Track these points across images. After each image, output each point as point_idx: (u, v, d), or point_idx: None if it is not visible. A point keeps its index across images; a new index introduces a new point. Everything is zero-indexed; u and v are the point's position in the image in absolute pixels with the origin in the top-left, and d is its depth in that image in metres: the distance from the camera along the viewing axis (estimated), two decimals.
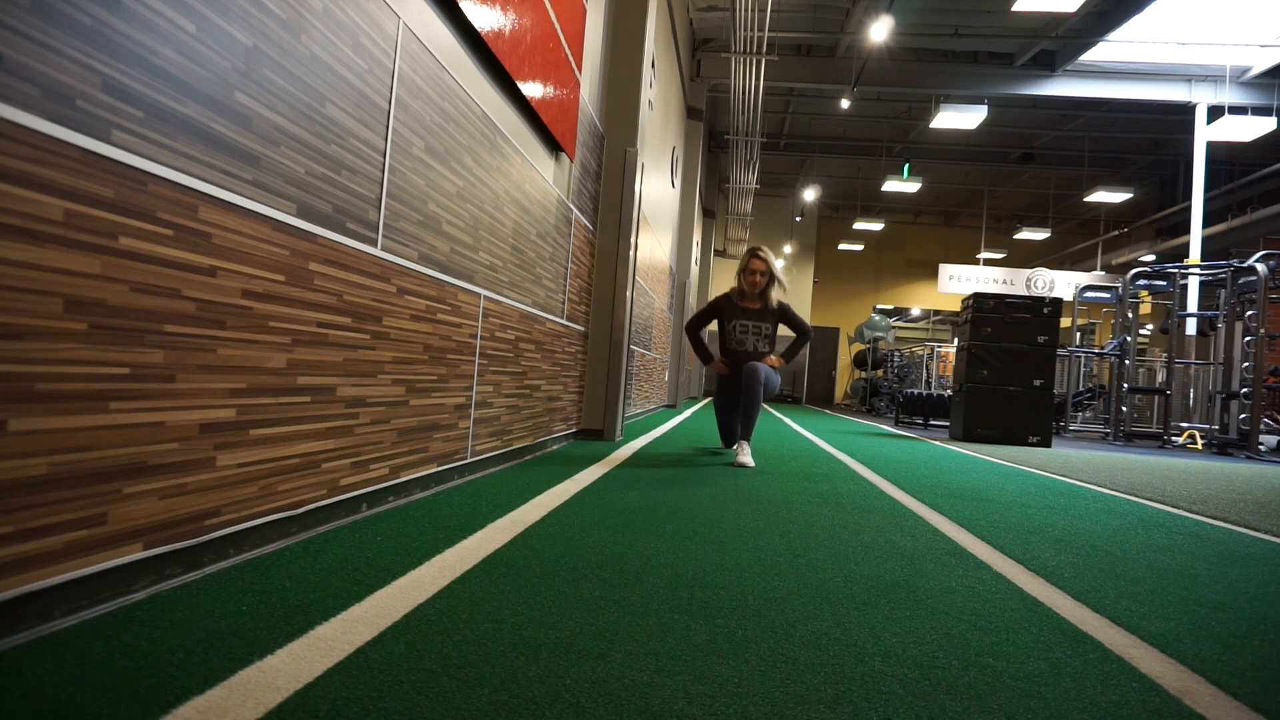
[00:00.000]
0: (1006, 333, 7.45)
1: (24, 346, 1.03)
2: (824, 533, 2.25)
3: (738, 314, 4.42)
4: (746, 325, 4.40)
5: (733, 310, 4.43)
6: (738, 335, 4.40)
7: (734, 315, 4.42)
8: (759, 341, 4.40)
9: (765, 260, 4.39)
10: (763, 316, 4.41)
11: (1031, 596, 1.67)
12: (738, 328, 4.40)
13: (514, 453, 3.44)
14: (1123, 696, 1.13)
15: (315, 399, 1.75)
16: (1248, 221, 14.26)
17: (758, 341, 4.40)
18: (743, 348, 4.39)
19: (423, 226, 2.26)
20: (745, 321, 4.40)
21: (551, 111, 3.48)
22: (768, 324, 4.41)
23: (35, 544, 1.07)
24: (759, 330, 4.41)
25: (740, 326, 4.40)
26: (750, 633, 1.31)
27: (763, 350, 4.41)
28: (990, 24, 11.13)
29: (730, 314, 4.43)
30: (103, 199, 1.13)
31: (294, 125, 1.60)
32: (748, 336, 4.41)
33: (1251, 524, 2.97)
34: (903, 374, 15.75)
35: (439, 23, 2.35)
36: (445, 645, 1.15)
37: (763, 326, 4.41)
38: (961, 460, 5.28)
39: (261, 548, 1.62)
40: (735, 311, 4.43)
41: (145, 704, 0.89)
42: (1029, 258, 21.81)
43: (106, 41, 1.12)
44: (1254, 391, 7.93)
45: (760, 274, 4.35)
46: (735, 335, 4.40)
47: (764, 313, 4.41)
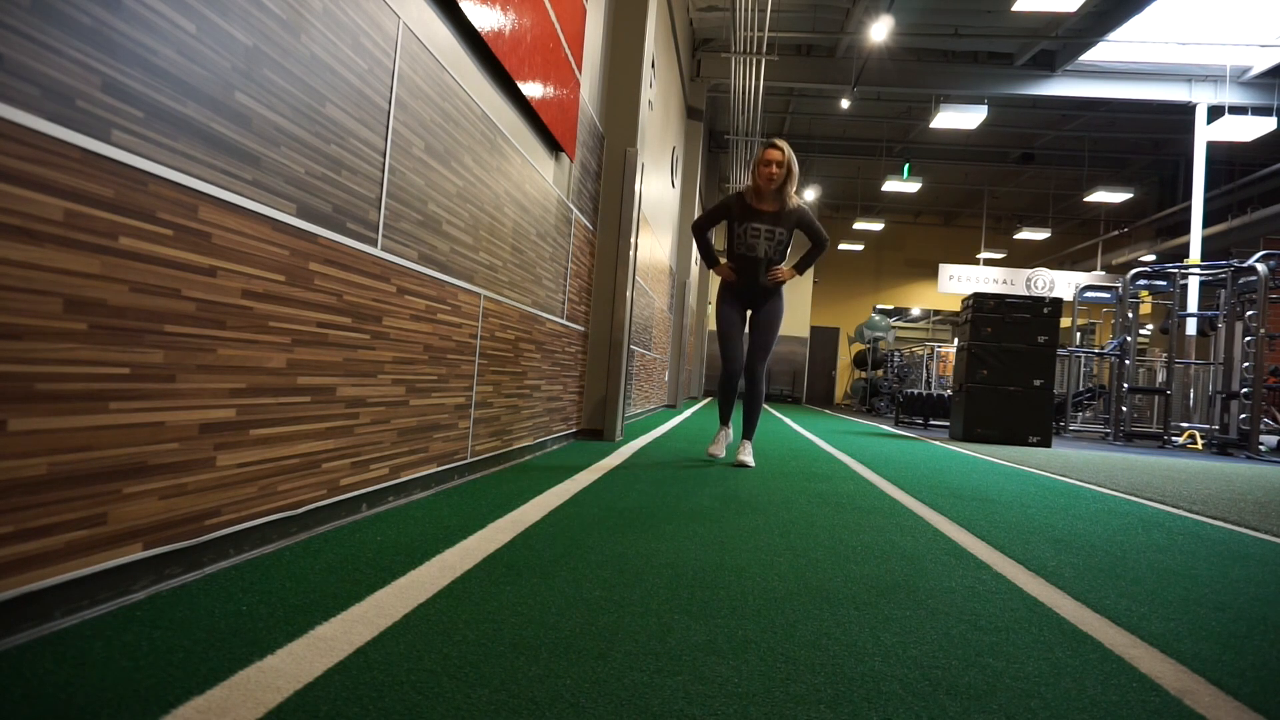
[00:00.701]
0: (1006, 333, 7.46)
1: (24, 346, 1.03)
2: (824, 533, 2.25)
3: (749, 215, 3.87)
4: (759, 229, 3.85)
5: (744, 211, 3.88)
6: (748, 239, 3.87)
7: (745, 217, 3.87)
8: (771, 247, 3.87)
9: (783, 150, 3.78)
10: (778, 219, 3.86)
11: (1031, 596, 1.67)
12: (749, 231, 3.86)
13: (514, 453, 3.44)
14: (1123, 696, 1.13)
15: (315, 399, 1.75)
16: (1248, 221, 14.26)
17: (769, 247, 3.86)
18: (753, 253, 3.88)
19: (423, 226, 2.26)
20: (757, 225, 3.85)
21: (551, 111, 3.48)
22: (783, 229, 3.87)
23: (35, 544, 1.07)
24: (772, 235, 3.85)
25: (752, 230, 3.86)
26: (750, 633, 1.31)
27: (774, 258, 3.91)
28: (990, 24, 11.13)
29: (741, 215, 3.89)
30: (103, 199, 1.13)
31: (294, 125, 1.60)
32: (759, 241, 3.85)
33: (1251, 524, 2.97)
34: (903, 374, 15.75)
35: (439, 23, 2.35)
36: (445, 645, 1.15)
37: (776, 231, 3.85)
38: (961, 460, 5.28)
39: (261, 548, 1.62)
40: (747, 213, 3.87)
41: (145, 704, 0.89)
42: (1029, 258, 21.80)
43: (106, 41, 1.12)
44: (1254, 391, 7.93)
45: (777, 165, 3.75)
46: (745, 239, 3.87)
47: (780, 215, 3.86)
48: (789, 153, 3.79)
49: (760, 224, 3.85)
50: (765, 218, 3.85)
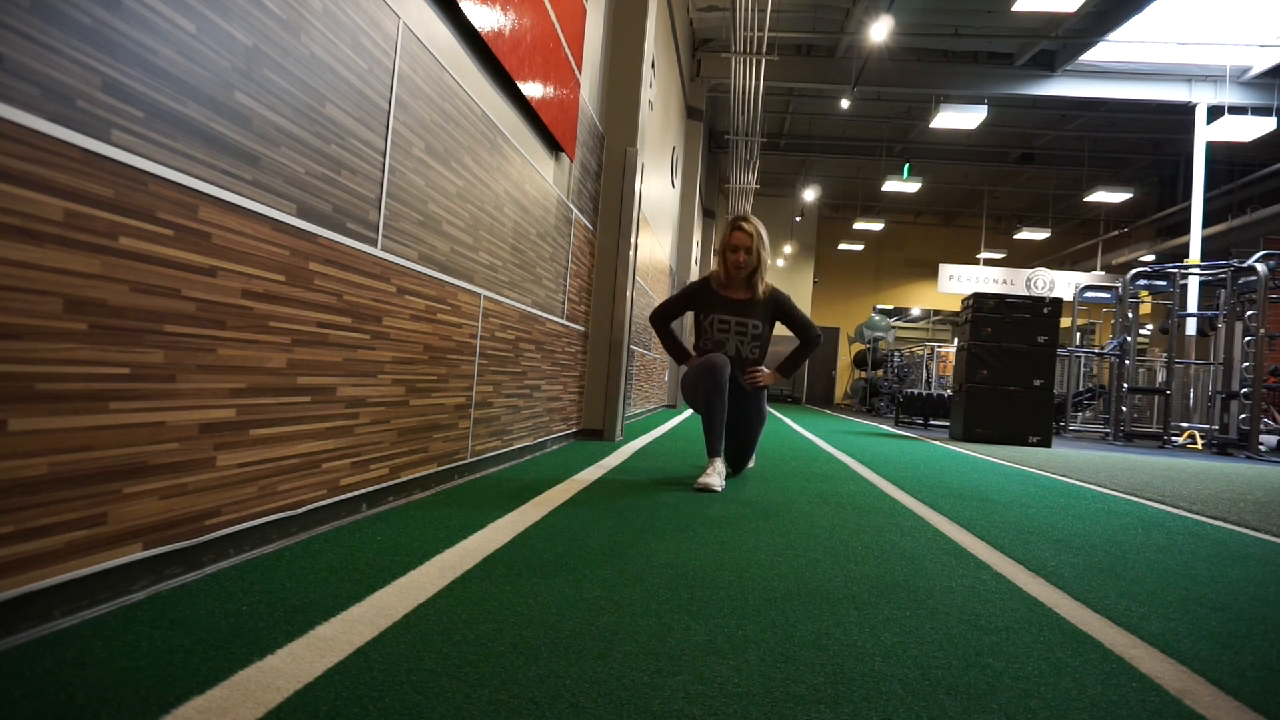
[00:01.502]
0: (1006, 333, 7.45)
1: (24, 346, 1.03)
2: (824, 533, 2.25)
3: (718, 305, 3.29)
4: (728, 322, 3.27)
5: (712, 300, 3.30)
6: (716, 334, 3.28)
7: (713, 307, 3.29)
8: (744, 344, 3.28)
9: (752, 233, 3.23)
10: (749, 310, 3.28)
11: (1031, 596, 1.67)
12: (716, 324, 3.28)
13: (514, 453, 3.44)
14: (1123, 696, 1.13)
15: (315, 399, 1.75)
16: (1248, 221, 14.26)
17: (742, 344, 3.28)
18: (721, 349, 3.29)
19: (423, 226, 2.26)
20: (727, 316, 3.28)
21: (551, 111, 3.48)
22: (757, 321, 3.28)
23: (35, 544, 1.07)
24: (744, 329, 3.27)
25: (720, 323, 3.28)
26: (750, 633, 1.31)
27: (749, 357, 3.29)
28: (990, 24, 11.13)
29: (708, 305, 3.31)
30: (103, 199, 1.13)
31: (294, 125, 1.60)
32: (729, 337, 3.27)
33: (1251, 524, 2.97)
34: (903, 374, 15.75)
35: (439, 23, 2.35)
36: (445, 645, 1.15)
37: (749, 325, 3.28)
38: (961, 460, 5.27)
39: (261, 548, 1.62)
40: (715, 302, 3.29)
41: (145, 704, 0.89)
42: (1029, 258, 21.80)
43: (106, 41, 1.12)
44: (1254, 391, 7.93)
45: (745, 251, 3.21)
46: (714, 334, 3.29)
47: (751, 305, 3.29)
48: (758, 234, 3.25)
49: (729, 315, 3.28)
50: (735, 307, 3.28)
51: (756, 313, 3.30)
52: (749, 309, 3.29)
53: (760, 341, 3.31)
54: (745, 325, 3.29)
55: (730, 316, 3.29)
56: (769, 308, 3.34)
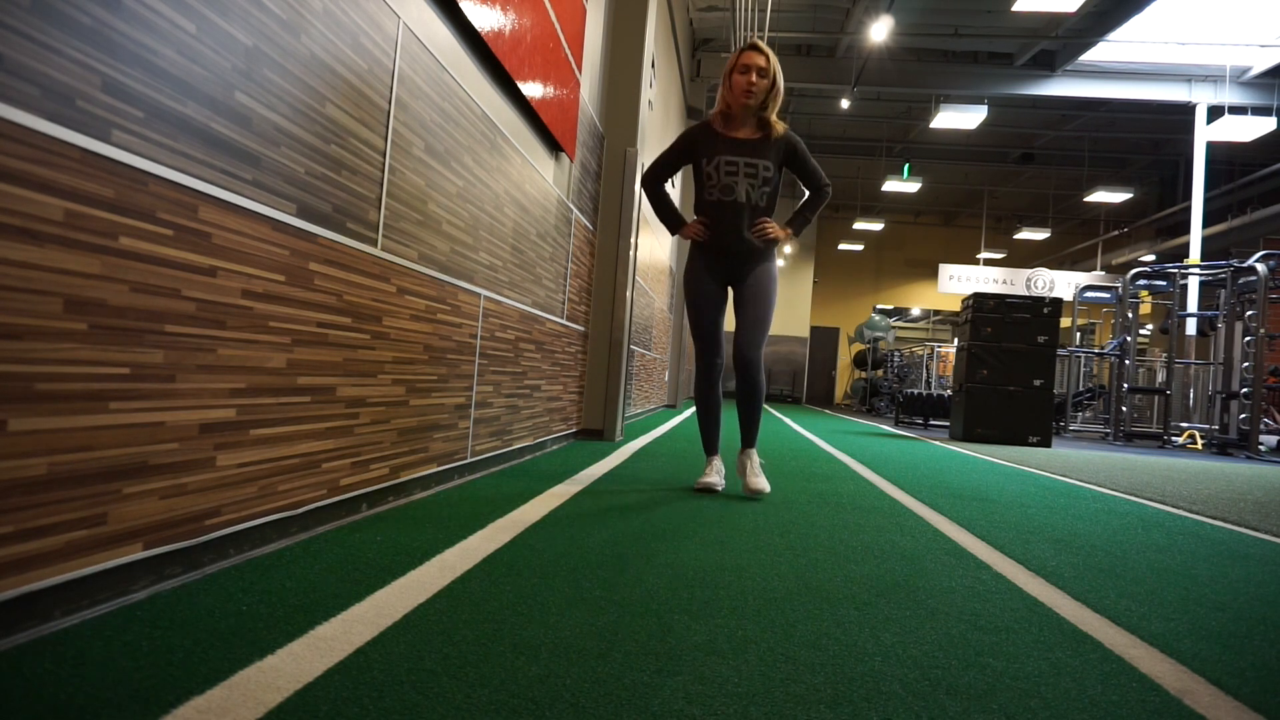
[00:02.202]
0: (1006, 333, 7.46)
1: (24, 346, 1.03)
2: (824, 533, 2.25)
3: (721, 147, 2.82)
4: (735, 164, 2.79)
5: (712, 142, 2.84)
6: (723, 179, 2.80)
7: (715, 149, 2.82)
8: (754, 189, 2.80)
9: (768, 53, 2.78)
10: (761, 149, 2.81)
11: (1031, 596, 1.67)
12: (723, 167, 2.80)
13: (514, 453, 3.44)
14: (1123, 696, 1.13)
15: (315, 399, 1.75)
16: (1248, 221, 14.26)
17: (752, 188, 2.80)
18: (730, 196, 2.80)
19: (423, 226, 2.26)
20: (733, 158, 2.80)
21: (551, 111, 3.48)
22: (769, 162, 2.80)
23: (35, 544, 1.07)
24: (754, 171, 2.79)
25: (727, 165, 2.79)
26: (750, 633, 1.31)
27: (760, 205, 2.84)
28: (990, 24, 11.13)
29: (709, 148, 2.83)
30: (103, 199, 1.13)
31: (294, 125, 1.60)
32: (738, 180, 2.79)
33: (1251, 524, 2.97)
34: (903, 374, 15.76)
35: (439, 23, 2.35)
36: (445, 645, 1.15)
37: (760, 165, 2.79)
38: (961, 460, 5.28)
39: (261, 548, 1.62)
40: (717, 144, 2.83)
41: (145, 704, 0.89)
42: (1029, 258, 21.80)
43: (106, 41, 1.12)
44: (1254, 391, 7.93)
45: (759, 73, 2.74)
46: (719, 179, 2.80)
47: (764, 144, 2.82)
48: (774, 59, 2.78)
49: (737, 156, 2.80)
50: (743, 147, 2.82)
51: (768, 153, 2.82)
52: (760, 148, 2.82)
53: (771, 188, 2.84)
54: (756, 167, 2.80)
55: (738, 157, 2.80)
56: (781, 150, 2.85)
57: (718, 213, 2.85)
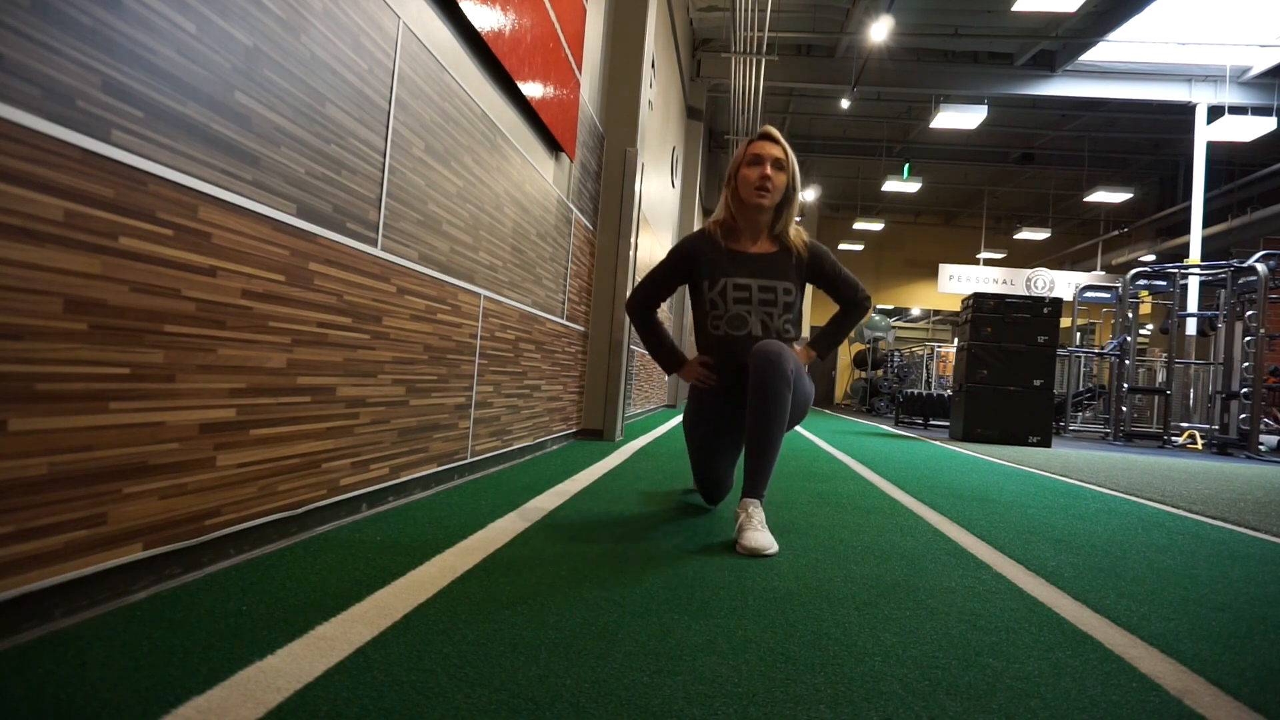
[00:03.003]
0: (1006, 333, 7.46)
1: (24, 346, 1.03)
2: (824, 533, 2.25)
3: (728, 265, 2.27)
4: (747, 288, 2.25)
5: (716, 259, 2.29)
6: (730, 308, 2.25)
7: (720, 268, 2.27)
8: (774, 319, 2.26)
9: (783, 145, 2.26)
10: (778, 268, 2.28)
11: (1031, 596, 1.67)
12: (731, 294, 2.25)
13: (514, 453, 3.44)
14: (1123, 696, 1.13)
15: (315, 399, 1.75)
16: (1248, 221, 14.26)
17: (769, 318, 2.25)
18: (741, 330, 2.24)
19: (423, 226, 2.26)
20: (745, 280, 2.25)
21: (551, 111, 3.48)
22: (789, 284, 2.27)
23: (35, 544, 1.07)
24: (771, 297, 2.25)
25: (736, 292, 2.25)
26: (750, 633, 1.31)
27: (776, 333, 2.27)
28: (990, 24, 11.13)
29: (713, 266, 2.28)
30: (103, 199, 1.13)
31: (294, 125, 1.60)
32: (751, 310, 2.25)
33: (1251, 524, 2.97)
34: (903, 374, 15.76)
35: (439, 23, 2.35)
36: (445, 645, 1.15)
37: (779, 289, 2.26)
38: (961, 460, 5.28)
39: (261, 548, 1.62)
40: (722, 261, 2.28)
41: (145, 704, 0.89)
42: (1029, 258, 21.81)
43: (106, 41, 1.12)
44: (1254, 391, 7.93)
45: (775, 165, 2.22)
46: (727, 308, 2.25)
47: (781, 261, 2.28)
48: (792, 153, 2.28)
49: (749, 278, 2.25)
50: (756, 265, 2.27)
51: (788, 271, 2.28)
52: (777, 266, 2.28)
53: (794, 314, 2.29)
54: (774, 291, 2.25)
55: (750, 279, 2.25)
56: (804, 266, 2.31)
57: (727, 351, 2.25)
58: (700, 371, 2.31)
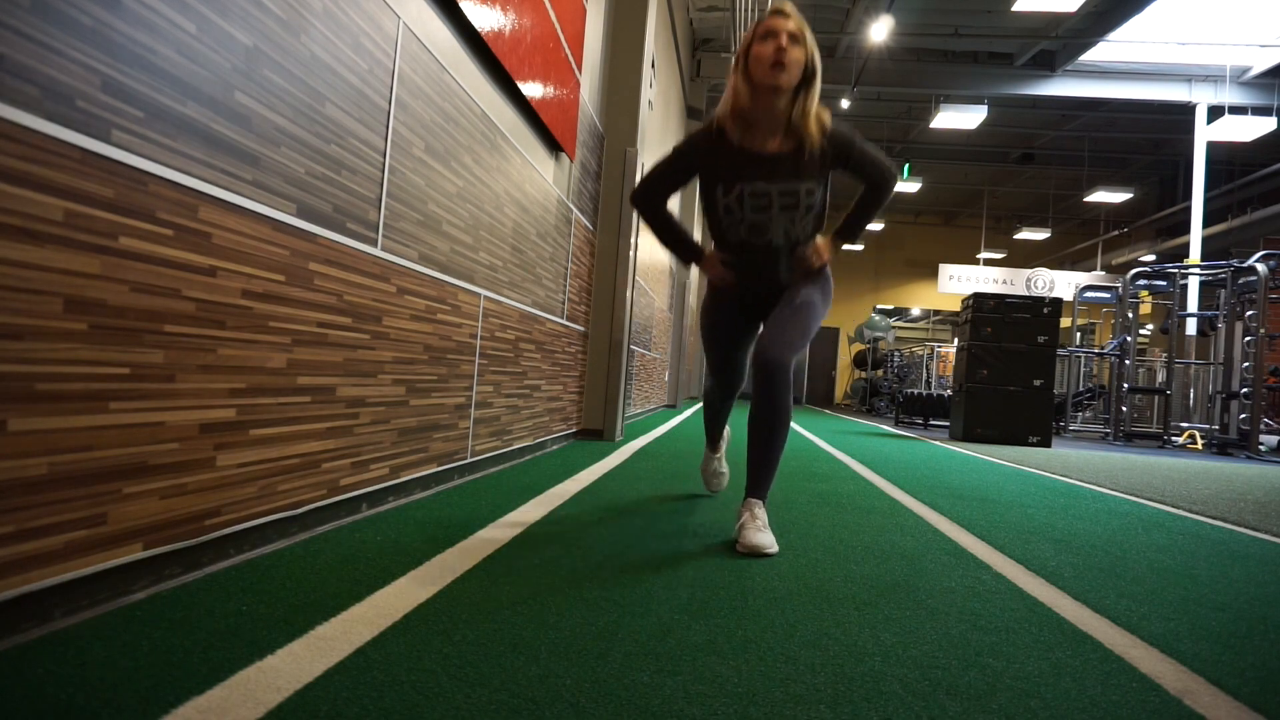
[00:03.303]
0: (1006, 333, 7.46)
1: (24, 346, 1.03)
2: (824, 533, 2.25)
3: (745, 169, 2.03)
4: (767, 194, 2.02)
5: (731, 162, 2.04)
6: (749, 216, 2.05)
7: (737, 173, 2.03)
8: (795, 224, 2.06)
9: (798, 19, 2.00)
10: (800, 167, 2.01)
11: (1031, 596, 1.67)
12: (749, 201, 2.03)
13: (514, 453, 3.44)
14: (1123, 696, 1.13)
15: (315, 399, 1.75)
16: (1248, 221, 14.26)
17: (792, 224, 2.06)
18: (762, 238, 2.07)
19: (423, 226, 2.26)
20: (765, 185, 2.02)
21: (551, 111, 3.48)
22: (812, 184, 2.02)
23: (35, 544, 1.07)
24: (793, 200, 2.03)
25: (754, 198, 2.03)
26: (750, 633, 1.31)
27: (802, 239, 2.10)
28: (990, 24, 11.13)
29: (729, 170, 2.04)
30: (103, 199, 1.13)
31: (294, 125, 1.60)
32: (772, 217, 2.04)
33: (1251, 524, 2.97)
34: (903, 374, 15.76)
35: (439, 23, 2.35)
36: (445, 645, 1.15)
37: (800, 191, 2.02)
38: (961, 460, 5.28)
39: (261, 548, 1.62)
40: (738, 165, 2.03)
41: (145, 704, 0.89)
42: (1029, 258, 21.80)
43: (106, 41, 1.12)
44: (1254, 391, 7.93)
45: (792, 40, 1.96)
46: (745, 215, 2.05)
47: (801, 157, 2.01)
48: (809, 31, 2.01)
49: (769, 183, 2.01)
50: (777, 168, 2.01)
51: (811, 169, 2.01)
52: (799, 165, 2.00)
53: (817, 211, 2.08)
54: (795, 194, 2.01)
55: (770, 185, 2.00)
56: (828, 157, 2.02)
57: (747, 257, 2.13)
58: (719, 270, 2.20)
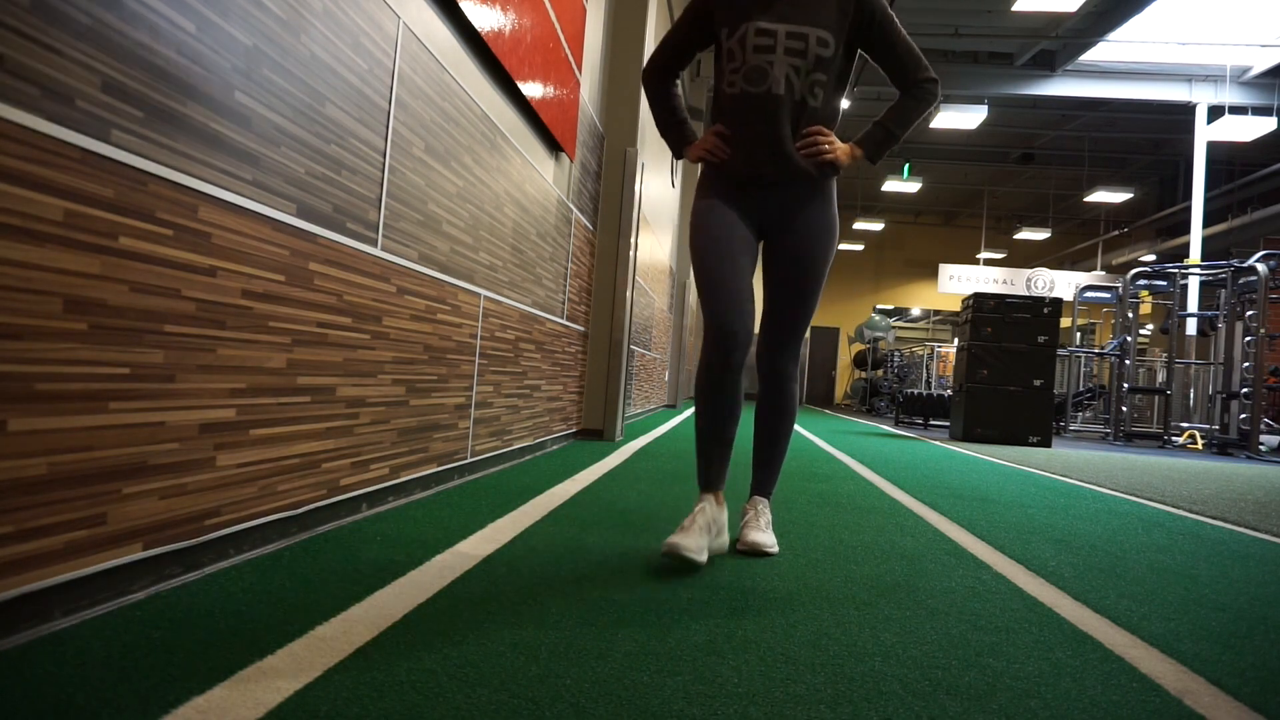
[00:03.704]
0: (1006, 333, 7.46)
1: (24, 346, 1.03)
2: (824, 533, 2.25)
3: (752, 7, 1.83)
4: (772, 33, 1.80)
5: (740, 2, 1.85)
6: (750, 58, 1.81)
7: (744, 10, 1.84)
8: (801, 74, 1.81)
9: None
10: (811, 11, 1.82)
11: (1031, 596, 1.67)
12: (752, 40, 1.80)
13: (514, 453, 3.44)
14: (1123, 696, 1.13)
15: (315, 399, 1.75)
16: (1248, 221, 14.26)
17: (796, 72, 1.80)
18: (760, 86, 1.81)
19: (423, 226, 2.26)
20: (770, 24, 1.80)
21: (551, 111, 3.48)
22: (824, 32, 1.81)
23: (35, 544, 1.07)
24: (801, 45, 1.80)
25: (759, 36, 1.80)
26: (750, 633, 1.31)
27: (810, 101, 1.83)
28: (990, 24, 11.13)
29: (734, 10, 1.85)
30: (103, 199, 1.13)
31: (294, 125, 1.60)
32: (774, 59, 1.80)
33: (1251, 524, 2.97)
34: (903, 374, 15.76)
35: (439, 23, 2.35)
36: (445, 645, 1.15)
37: (810, 37, 1.80)
38: (961, 460, 5.27)
39: (261, 548, 1.62)
40: (746, 3, 1.84)
41: (145, 704, 0.89)
42: (1029, 258, 21.81)
43: (106, 41, 1.12)
44: (1254, 391, 7.93)
45: None
46: (745, 57, 1.82)
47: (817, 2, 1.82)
48: None
49: (775, 22, 1.79)
50: (786, 6, 1.81)
51: (826, 17, 1.79)
52: (812, 8, 1.79)
53: (829, 75, 1.81)
54: (804, 39, 1.77)
55: (777, 24, 1.77)
56: (848, 11, 1.81)
57: (744, 113, 1.81)
58: (710, 142, 1.87)
